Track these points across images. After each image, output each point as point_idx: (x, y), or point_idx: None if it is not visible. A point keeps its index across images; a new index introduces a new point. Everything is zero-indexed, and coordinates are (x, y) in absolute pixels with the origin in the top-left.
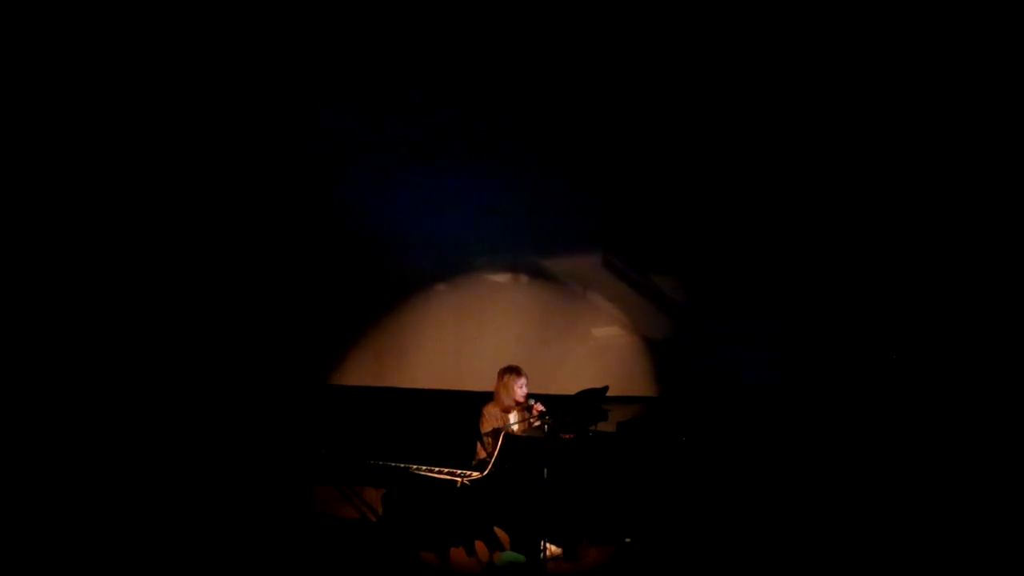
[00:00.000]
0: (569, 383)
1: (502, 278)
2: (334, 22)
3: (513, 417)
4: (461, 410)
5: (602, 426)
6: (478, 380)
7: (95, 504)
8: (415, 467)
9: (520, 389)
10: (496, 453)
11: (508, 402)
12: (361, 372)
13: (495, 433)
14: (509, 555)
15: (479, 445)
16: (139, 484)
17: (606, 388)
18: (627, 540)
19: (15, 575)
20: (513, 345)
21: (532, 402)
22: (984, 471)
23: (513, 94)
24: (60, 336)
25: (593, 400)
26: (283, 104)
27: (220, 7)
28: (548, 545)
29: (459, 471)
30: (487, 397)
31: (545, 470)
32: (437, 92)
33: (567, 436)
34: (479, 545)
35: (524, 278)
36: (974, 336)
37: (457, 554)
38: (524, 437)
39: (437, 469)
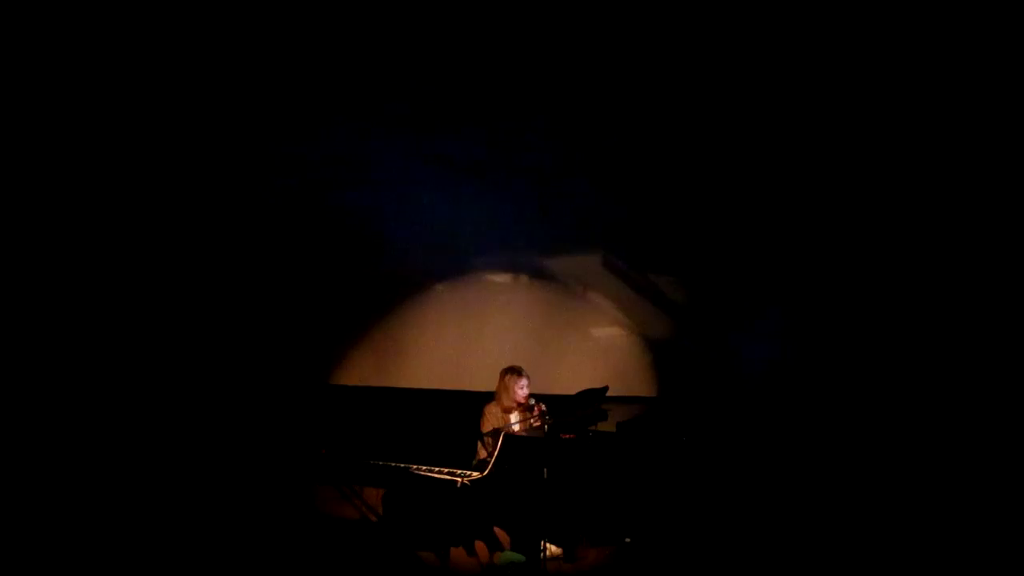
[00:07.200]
0: (569, 383)
1: (502, 278)
2: (337, 24)
3: (514, 417)
4: (461, 410)
5: (602, 426)
6: (478, 380)
7: (96, 504)
8: (415, 467)
9: (521, 390)
10: (496, 453)
11: (509, 402)
12: (361, 372)
13: (495, 433)
14: (509, 555)
15: (479, 445)
16: (140, 484)
17: (606, 388)
18: (627, 540)
19: (15, 575)
20: (513, 345)
21: (533, 402)
22: (986, 472)
23: (513, 95)
24: (60, 337)
25: (593, 400)
26: (284, 105)
27: (222, 7)
28: (548, 545)
29: (459, 471)
30: (487, 397)
31: (545, 470)
32: (438, 93)
33: (567, 436)
34: (479, 545)
35: (524, 278)
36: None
37: (457, 554)
38: (524, 437)
39: (437, 469)
